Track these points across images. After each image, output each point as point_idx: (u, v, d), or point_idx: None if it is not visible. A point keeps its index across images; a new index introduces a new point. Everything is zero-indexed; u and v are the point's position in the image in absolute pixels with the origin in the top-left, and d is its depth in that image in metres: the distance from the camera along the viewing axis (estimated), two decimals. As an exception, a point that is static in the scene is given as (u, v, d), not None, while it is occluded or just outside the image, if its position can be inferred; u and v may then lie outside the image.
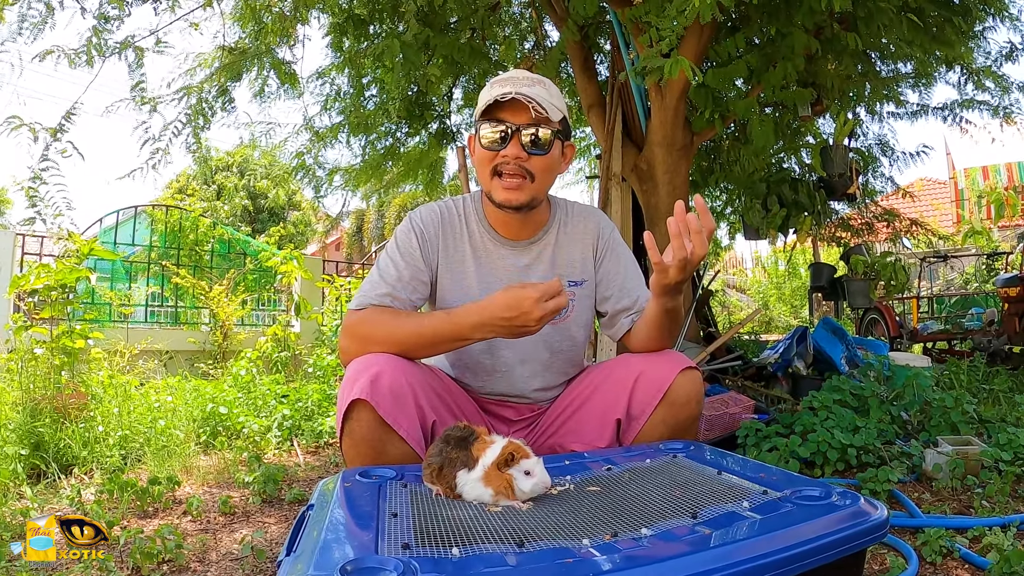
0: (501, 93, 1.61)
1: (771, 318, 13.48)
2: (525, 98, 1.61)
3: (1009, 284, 6.23)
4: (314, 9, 4.35)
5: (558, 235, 1.85)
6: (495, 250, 1.81)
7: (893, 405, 3.11)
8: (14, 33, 3.92)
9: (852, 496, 1.09)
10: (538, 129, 1.65)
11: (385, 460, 1.49)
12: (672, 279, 1.52)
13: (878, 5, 3.57)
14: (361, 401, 1.47)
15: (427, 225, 1.79)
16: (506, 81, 1.67)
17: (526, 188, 1.69)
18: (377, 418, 1.47)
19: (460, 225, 1.82)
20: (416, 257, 1.74)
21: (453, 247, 1.80)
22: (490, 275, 1.80)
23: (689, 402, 1.64)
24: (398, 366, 1.53)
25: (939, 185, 16.82)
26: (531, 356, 1.81)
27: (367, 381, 1.48)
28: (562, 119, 1.70)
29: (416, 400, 1.54)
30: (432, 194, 7.37)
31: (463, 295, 1.78)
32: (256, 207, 23.28)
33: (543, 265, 1.82)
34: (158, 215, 7.02)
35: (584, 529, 1.02)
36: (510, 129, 1.65)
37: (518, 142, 1.65)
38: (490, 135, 1.66)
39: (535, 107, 1.61)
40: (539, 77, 1.70)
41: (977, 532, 1.88)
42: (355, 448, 1.52)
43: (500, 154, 1.66)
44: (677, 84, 4.11)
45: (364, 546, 0.96)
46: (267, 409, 3.97)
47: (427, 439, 1.57)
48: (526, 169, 1.67)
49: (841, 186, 5.39)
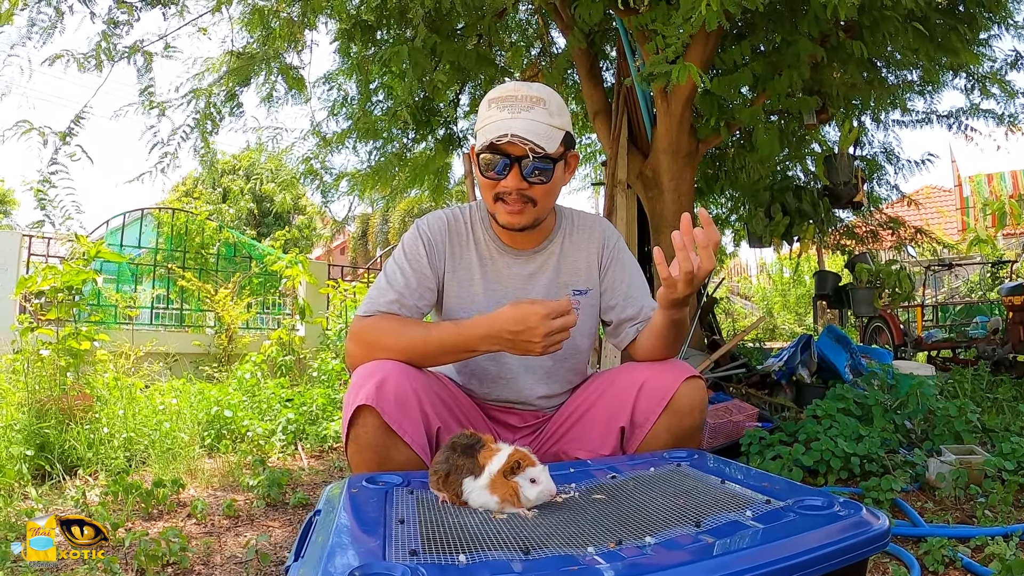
0: (498, 135, 1.59)
1: (775, 326, 13.45)
2: (520, 139, 1.58)
3: (1014, 292, 6.21)
4: (322, 15, 4.37)
5: (563, 244, 1.85)
6: (500, 258, 1.82)
7: (897, 414, 3.10)
8: (24, 37, 3.95)
9: (854, 506, 1.09)
10: (537, 159, 1.63)
11: (390, 466, 1.50)
12: (680, 293, 1.53)
13: (883, 13, 3.57)
14: (367, 407, 1.48)
15: (434, 233, 1.80)
16: (504, 103, 1.64)
17: (528, 212, 1.69)
18: (382, 424, 1.48)
19: (467, 233, 1.83)
20: (423, 264, 1.75)
21: (460, 254, 1.81)
22: (495, 283, 1.81)
23: (692, 411, 1.65)
24: (403, 372, 1.54)
25: (944, 193, 16.81)
26: (535, 364, 1.82)
27: (373, 387, 1.48)
28: (564, 135, 1.68)
29: (421, 406, 1.54)
30: (438, 199, 7.37)
31: (469, 302, 1.79)
32: (262, 211, 23.34)
33: (548, 273, 1.83)
34: (164, 218, 7.05)
35: (589, 537, 1.03)
36: (509, 160, 1.64)
37: (518, 173, 1.64)
38: (489, 166, 1.66)
39: (531, 147, 1.59)
40: (539, 94, 1.66)
41: (980, 542, 1.88)
42: (360, 454, 1.52)
43: (500, 184, 1.66)
44: (683, 91, 4.13)
45: (372, 552, 0.96)
46: (271, 413, 3.98)
47: (432, 445, 1.58)
48: (527, 196, 1.67)
49: (846, 194, 5.40)
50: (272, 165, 5.95)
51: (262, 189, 15.89)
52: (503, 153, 1.63)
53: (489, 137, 1.61)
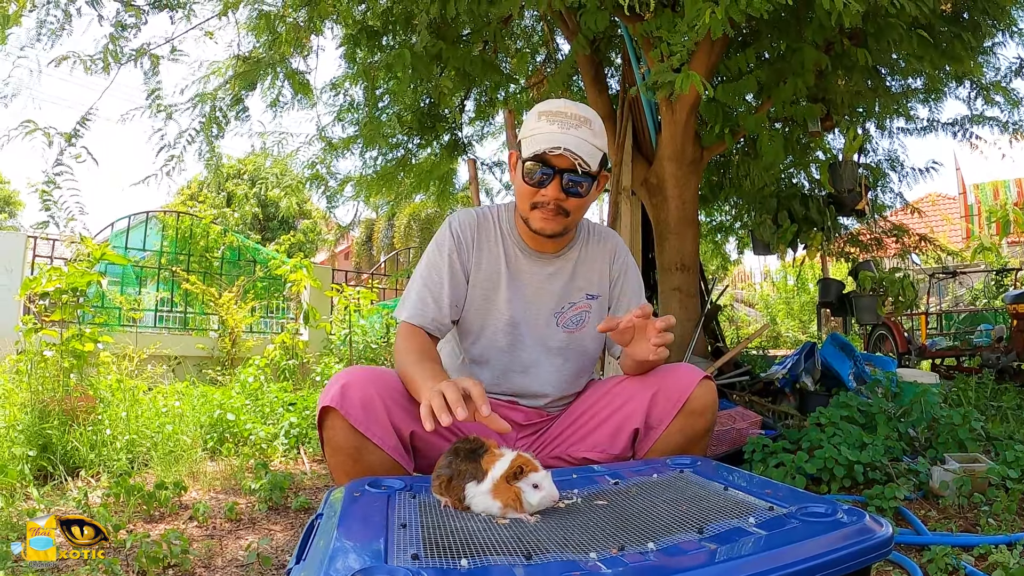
0: (550, 146, 1.67)
1: (779, 333, 13.42)
2: (571, 154, 1.67)
3: (1018, 300, 6.19)
4: (328, 20, 4.38)
5: (581, 252, 1.96)
6: (523, 258, 1.91)
7: (900, 422, 3.09)
8: (32, 39, 3.97)
9: (857, 513, 1.09)
10: (578, 174, 1.72)
11: (365, 468, 1.54)
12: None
13: (888, 21, 3.57)
14: (332, 410, 1.54)
15: (464, 229, 1.89)
16: (555, 117, 1.71)
17: (560, 221, 1.78)
18: (350, 426, 1.53)
19: (495, 231, 1.92)
20: (457, 269, 1.86)
21: (487, 250, 1.90)
22: (517, 279, 1.90)
23: (706, 412, 1.72)
24: (368, 377, 1.60)
25: (949, 200, 16.77)
26: (545, 360, 1.90)
27: (338, 390, 1.55)
28: (602, 155, 1.78)
29: (387, 410, 1.59)
30: (443, 204, 7.39)
31: (493, 294, 1.89)
32: (266, 215, 23.37)
33: (564, 276, 1.93)
34: (169, 221, 7.07)
35: (591, 543, 1.03)
36: (552, 171, 1.72)
37: (558, 185, 1.72)
38: (532, 174, 1.73)
39: (580, 162, 1.68)
40: (587, 114, 1.75)
41: (983, 550, 1.87)
42: (334, 457, 1.58)
43: (540, 192, 1.74)
44: (687, 99, 4.13)
45: (374, 556, 0.96)
46: (274, 416, 3.99)
47: (406, 449, 1.64)
48: (563, 207, 1.76)
49: (850, 202, 5.39)
50: (277, 170, 5.96)
51: (267, 194, 15.96)
52: (549, 164, 1.71)
53: (541, 147, 1.69)
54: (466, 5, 3.65)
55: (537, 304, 1.90)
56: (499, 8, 3.70)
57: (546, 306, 1.90)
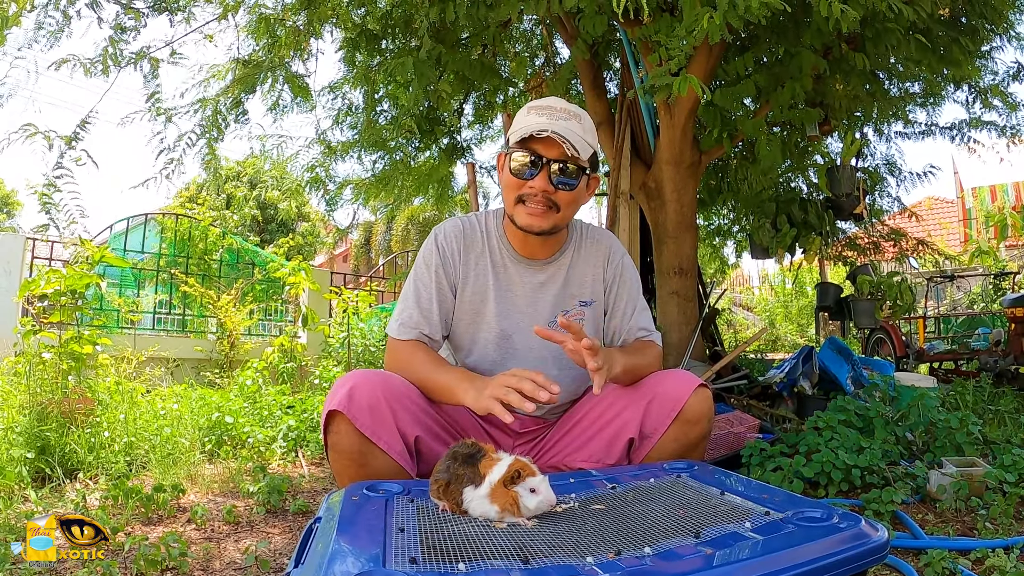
0: (538, 129, 1.65)
1: (777, 337, 13.42)
2: (559, 137, 1.64)
3: (1016, 304, 6.20)
4: (327, 24, 4.39)
5: (573, 256, 1.91)
6: (513, 267, 1.86)
7: (898, 426, 3.10)
8: (31, 40, 3.97)
9: (853, 518, 1.10)
10: (567, 164, 1.69)
11: (370, 473, 1.53)
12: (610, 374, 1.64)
13: (886, 25, 3.58)
14: (339, 414, 1.52)
15: (449, 242, 1.86)
16: (543, 110, 1.70)
17: (549, 217, 1.74)
18: (356, 431, 1.52)
19: (482, 241, 1.88)
20: (444, 286, 1.83)
21: (474, 262, 1.86)
22: (507, 290, 1.86)
23: (701, 420, 1.70)
24: (375, 382, 1.59)
25: (947, 204, 16.79)
26: (540, 369, 1.83)
27: (345, 395, 1.53)
28: (592, 153, 1.75)
29: (394, 415, 1.58)
30: (442, 208, 7.40)
31: (481, 307, 1.85)
32: (265, 217, 23.34)
33: (557, 284, 1.88)
34: (168, 223, 7.07)
35: (588, 547, 1.04)
36: (540, 161, 1.69)
37: (546, 175, 1.69)
38: (520, 164, 1.70)
39: (568, 147, 1.65)
40: (576, 110, 1.73)
41: (980, 554, 1.87)
42: (339, 461, 1.57)
43: (527, 184, 1.71)
44: (686, 102, 4.14)
45: (371, 560, 0.97)
46: (273, 419, 3.98)
47: (411, 454, 1.62)
48: (552, 200, 1.72)
49: (848, 206, 5.40)
50: (277, 173, 5.97)
51: (266, 197, 15.96)
52: (536, 153, 1.68)
53: (529, 125, 1.66)
54: (465, 9, 3.66)
55: (530, 315, 1.85)
56: (498, 12, 3.70)
57: (539, 316, 1.85)
